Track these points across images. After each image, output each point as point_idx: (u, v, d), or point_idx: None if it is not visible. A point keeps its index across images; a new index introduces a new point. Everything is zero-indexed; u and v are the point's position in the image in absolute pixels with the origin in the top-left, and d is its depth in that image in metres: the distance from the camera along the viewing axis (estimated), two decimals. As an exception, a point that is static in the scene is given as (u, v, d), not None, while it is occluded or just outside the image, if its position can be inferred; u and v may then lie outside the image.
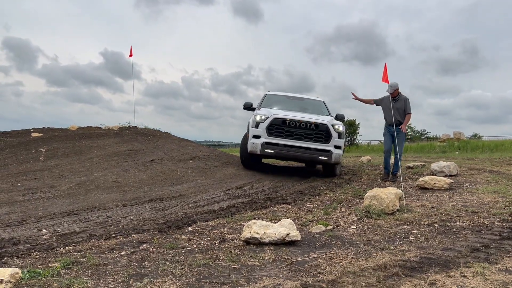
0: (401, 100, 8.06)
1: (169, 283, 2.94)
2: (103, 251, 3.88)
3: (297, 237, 3.97)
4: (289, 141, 8.38)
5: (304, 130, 8.41)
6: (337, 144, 8.51)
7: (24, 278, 3.03)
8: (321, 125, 8.48)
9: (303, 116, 8.70)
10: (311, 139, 8.42)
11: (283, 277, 3.07)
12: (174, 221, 5.03)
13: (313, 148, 8.34)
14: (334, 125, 8.61)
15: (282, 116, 8.53)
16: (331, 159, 8.34)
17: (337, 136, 8.54)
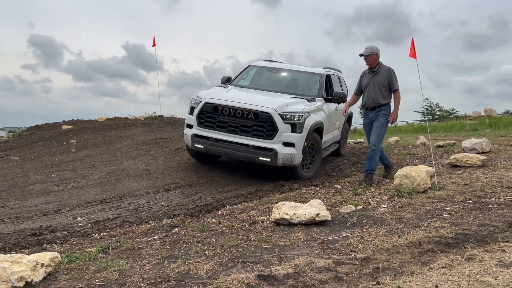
0: (383, 72, 5.93)
1: (203, 263, 2.98)
2: (136, 236, 3.96)
3: (327, 217, 3.95)
4: (221, 134, 6.40)
5: (241, 120, 6.28)
6: (288, 140, 6.18)
7: (63, 262, 3.13)
8: (262, 114, 6.17)
9: (247, 100, 6.48)
10: (249, 133, 6.28)
11: (315, 256, 3.06)
12: (204, 206, 5.09)
13: (251, 145, 6.22)
14: (286, 113, 6.23)
15: (214, 101, 6.48)
16: (276, 160, 6.11)
17: (289, 129, 6.19)
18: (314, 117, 6.60)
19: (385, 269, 2.77)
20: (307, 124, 6.35)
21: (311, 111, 6.57)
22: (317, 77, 7.81)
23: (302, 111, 6.34)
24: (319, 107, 6.98)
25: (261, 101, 6.48)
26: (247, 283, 2.56)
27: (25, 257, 2.83)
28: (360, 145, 11.13)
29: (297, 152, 6.23)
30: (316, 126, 6.60)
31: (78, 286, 2.68)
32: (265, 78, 8.16)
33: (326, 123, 7.21)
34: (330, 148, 8.03)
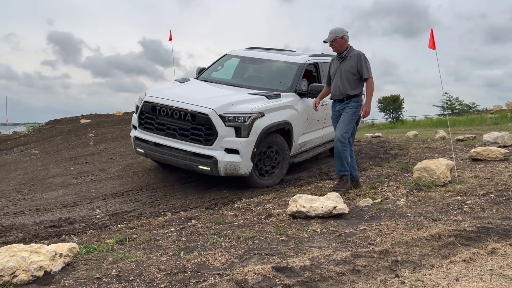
0: (351, 58, 5.05)
1: (219, 255, 2.97)
2: (153, 228, 3.98)
3: (344, 210, 3.90)
4: (160, 138, 5.58)
5: (179, 122, 5.42)
6: (231, 146, 5.24)
7: (81, 253, 3.16)
8: (199, 115, 5.25)
9: (187, 99, 5.53)
10: (187, 137, 5.38)
11: (332, 248, 3.03)
12: (220, 199, 5.09)
13: (189, 152, 5.35)
14: (229, 114, 5.25)
15: (152, 99, 5.65)
16: (217, 170, 5.23)
17: (232, 133, 5.24)
18: (272, 117, 5.51)
19: (404, 262, 2.72)
20: (256, 126, 5.30)
21: (268, 110, 5.50)
22: (293, 67, 6.57)
23: (250, 111, 5.30)
24: (285, 105, 5.85)
25: (201, 99, 5.47)
26: (264, 275, 2.55)
27: (44, 247, 2.87)
28: (378, 139, 10.99)
29: (242, 159, 5.25)
30: (276, 128, 5.58)
31: (95, 276, 2.71)
32: (238, 69, 7.19)
33: (300, 122, 6.17)
34: (317, 149, 7.04)
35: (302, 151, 6.59)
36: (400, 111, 28.22)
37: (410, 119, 26.40)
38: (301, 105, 6.19)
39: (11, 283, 2.59)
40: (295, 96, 6.17)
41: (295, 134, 6.07)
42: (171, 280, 2.58)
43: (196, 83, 6.59)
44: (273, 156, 5.77)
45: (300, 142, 6.32)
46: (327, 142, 7.27)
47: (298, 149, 6.39)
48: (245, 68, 7.17)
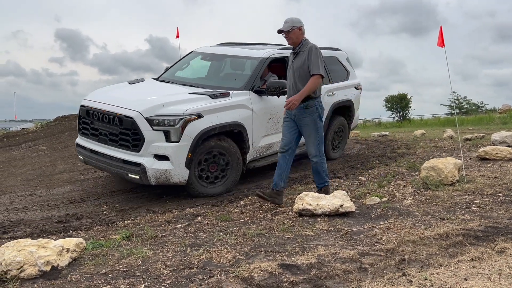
0: (304, 52, 4.40)
1: (225, 252, 2.97)
2: (160, 224, 3.99)
3: (351, 208, 3.89)
4: (94, 143, 5.22)
5: (109, 126, 5.01)
6: (160, 153, 4.74)
7: (88, 248, 3.18)
8: (125, 119, 4.79)
9: (117, 101, 5.10)
10: (117, 143, 4.96)
11: (338, 246, 3.02)
12: (226, 196, 5.08)
13: (119, 159, 4.91)
14: (157, 117, 4.74)
15: (87, 103, 5.32)
16: (146, 178, 4.72)
17: (161, 138, 4.73)
18: (213, 118, 4.96)
19: (411, 261, 2.70)
20: (190, 129, 4.77)
21: (207, 111, 4.95)
22: (253, 62, 5.97)
23: (182, 113, 4.76)
24: (234, 104, 5.27)
25: (131, 102, 5.02)
26: (270, 272, 2.54)
27: (51, 242, 2.89)
28: (385, 138, 10.93)
29: (174, 166, 4.74)
30: (219, 130, 5.05)
31: (102, 271, 2.72)
32: (200, 67, 6.73)
33: (260, 123, 5.61)
34: None
35: (268, 155, 6.00)
36: (407, 110, 28.04)
37: (417, 118, 26.24)
38: (260, 104, 5.57)
39: (18, 277, 2.61)
40: (251, 94, 5.54)
41: (253, 136, 5.54)
42: (177, 276, 2.59)
43: (146, 84, 6.13)
44: (220, 161, 5.20)
45: (262, 144, 5.77)
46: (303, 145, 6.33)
47: (261, 152, 5.83)
48: (206, 66, 6.73)
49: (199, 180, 5.08)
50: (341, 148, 7.62)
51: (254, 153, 5.71)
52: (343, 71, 7.51)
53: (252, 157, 5.70)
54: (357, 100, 7.73)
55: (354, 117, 7.71)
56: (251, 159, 5.71)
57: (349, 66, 7.68)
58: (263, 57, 5.95)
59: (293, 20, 4.41)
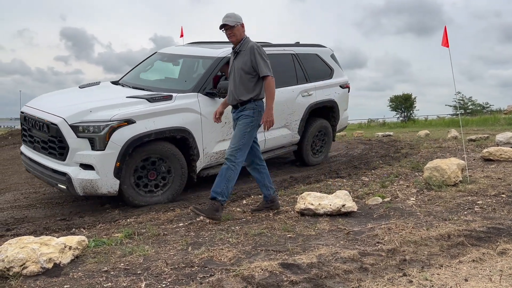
0: (245, 52, 4.01)
1: (226, 250, 2.98)
2: (162, 223, 4.01)
3: (353, 208, 3.88)
4: (30, 151, 5.06)
5: (40, 133, 4.78)
6: (85, 161, 4.43)
7: (90, 246, 3.20)
8: (51, 126, 4.54)
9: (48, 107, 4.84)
10: (46, 150, 4.73)
11: (339, 246, 3.02)
12: (229, 195, 5.09)
13: (49, 168, 4.67)
14: (83, 124, 4.43)
15: (24, 109, 5.16)
16: (73, 188, 4.43)
17: (87, 146, 4.42)
18: (148, 124, 4.60)
19: (412, 261, 2.70)
20: (117, 136, 4.41)
21: (141, 116, 4.59)
22: (207, 62, 5.62)
23: (109, 119, 4.42)
24: (178, 108, 4.91)
25: (59, 108, 4.72)
26: (270, 271, 2.55)
27: (53, 240, 2.91)
28: (389, 138, 10.91)
29: (100, 176, 4.40)
30: (156, 136, 4.68)
31: (104, 269, 2.73)
32: (159, 69, 6.37)
33: (211, 128, 5.20)
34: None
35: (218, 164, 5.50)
36: (412, 110, 27.97)
37: (422, 119, 26.16)
38: (212, 107, 5.06)
39: (21, 274, 2.63)
40: (200, 97, 5.15)
41: (204, 142, 5.18)
42: (178, 274, 2.60)
43: (94, 88, 5.73)
44: (161, 169, 4.85)
45: (217, 150, 5.38)
46: (276, 148, 6.30)
47: (217, 158, 5.40)
48: (165, 67, 6.38)
49: (137, 189, 4.73)
50: (324, 153, 7.20)
51: (208, 160, 5.32)
52: (325, 69, 7.06)
53: (205, 164, 5.32)
54: (343, 99, 7.30)
55: (341, 118, 7.26)
56: (204, 166, 5.33)
57: (333, 64, 7.24)
58: (218, 56, 5.54)
59: (236, 15, 4.02)
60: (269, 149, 6.18)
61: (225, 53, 5.52)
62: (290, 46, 6.71)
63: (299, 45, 6.91)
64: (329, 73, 7.10)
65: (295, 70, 6.54)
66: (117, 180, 4.50)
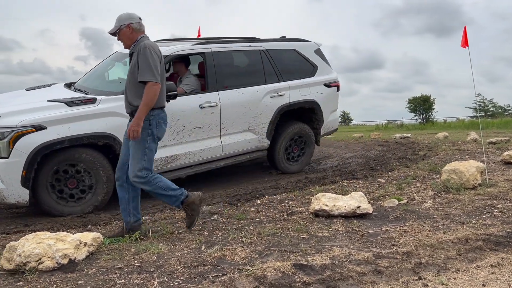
0: (135, 54, 3.49)
1: (239, 250, 2.97)
2: (176, 221, 4.03)
3: (368, 210, 3.83)
4: None
5: None
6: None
7: (105, 243, 3.23)
8: None
9: None
10: None
11: (354, 248, 2.98)
12: (243, 195, 5.09)
13: None
14: None
15: None
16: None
17: None
18: (62, 130, 4.30)
19: (428, 265, 2.65)
20: (23, 144, 4.10)
21: (54, 121, 4.26)
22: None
23: (14, 125, 4.12)
24: (101, 112, 4.56)
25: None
26: (283, 271, 2.53)
27: (69, 236, 2.95)
28: (406, 140, 10.77)
29: (5, 186, 4.12)
30: (70, 143, 4.35)
31: (117, 266, 2.76)
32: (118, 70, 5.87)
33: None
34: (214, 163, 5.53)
35: (172, 169, 5.16)
36: (430, 111, 27.58)
37: (440, 121, 25.76)
38: None
39: (37, 269, 2.67)
40: None
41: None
42: (191, 273, 2.60)
43: (36, 91, 5.40)
44: (80, 177, 4.53)
45: (157, 157, 4.69)
46: (239, 154, 5.79)
47: (156, 165, 4.91)
48: (122, 68, 5.81)
49: (55, 198, 4.42)
50: (304, 160, 6.54)
51: None
52: (305, 66, 6.39)
53: None
54: (330, 100, 6.58)
55: (326, 120, 6.56)
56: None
57: (317, 60, 6.54)
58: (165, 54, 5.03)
59: (120, 18, 3.56)
60: (229, 155, 5.66)
61: (171, 51, 5.16)
62: (259, 42, 6.11)
63: (271, 40, 6.30)
64: (311, 71, 6.43)
65: (263, 68, 5.95)
66: (26, 190, 4.20)
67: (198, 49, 5.43)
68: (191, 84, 5.41)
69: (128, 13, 3.58)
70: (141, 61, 3.39)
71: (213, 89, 5.40)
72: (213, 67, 5.47)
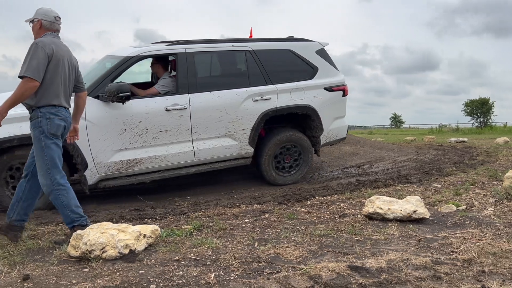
0: None
1: (292, 249, 2.98)
2: (228, 218, 4.10)
3: (425, 215, 3.71)
4: None
5: None
6: None
7: (162, 236, 3.36)
8: None
9: None
10: None
11: (411, 253, 2.90)
12: (293, 195, 5.09)
13: None
14: None
15: None
16: None
17: None
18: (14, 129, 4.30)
19: (491, 274, 2.53)
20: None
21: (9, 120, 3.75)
22: (113, 63, 5.12)
23: None
24: None
25: None
26: (338, 272, 2.51)
27: (130, 227, 3.08)
28: (463, 144, 10.31)
29: None
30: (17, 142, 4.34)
31: (175, 258, 2.85)
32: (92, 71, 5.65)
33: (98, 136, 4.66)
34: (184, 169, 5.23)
35: (138, 173, 4.99)
36: (489, 115, 26.20)
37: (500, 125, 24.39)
38: (102, 113, 4.68)
39: (101, 257, 2.82)
40: (89, 100, 4.46)
41: (92, 151, 4.65)
42: (246, 268, 2.64)
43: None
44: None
45: (117, 160, 4.79)
46: (217, 161, 5.40)
47: (119, 169, 4.83)
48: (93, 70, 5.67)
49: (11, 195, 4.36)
50: (300, 171, 5.89)
51: (104, 170, 4.77)
52: (303, 68, 5.85)
53: (102, 174, 4.78)
54: (330, 105, 5.92)
55: (328, 128, 5.93)
56: (102, 177, 4.80)
57: (319, 61, 5.97)
58: (126, 55, 5.02)
59: (37, 11, 3.47)
60: (204, 161, 5.31)
61: (138, 52, 5.06)
62: (246, 42, 5.72)
63: (262, 40, 5.86)
64: (309, 73, 5.87)
65: (247, 70, 5.54)
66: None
67: (170, 50, 5.27)
68: (166, 85, 5.27)
69: (47, 9, 3.49)
70: (25, 57, 3.30)
71: (183, 91, 5.13)
72: (186, 68, 5.20)
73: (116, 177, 4.91)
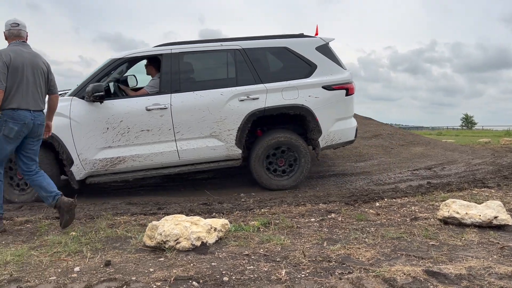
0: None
1: (364, 250, 2.91)
2: (294, 216, 4.08)
3: (507, 222, 3.46)
4: None
5: None
6: None
7: (231, 230, 3.41)
8: None
9: None
10: None
11: (493, 261, 2.72)
12: (360, 195, 4.96)
13: None
14: None
15: None
16: None
17: None
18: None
19: None
20: None
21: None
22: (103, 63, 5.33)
23: None
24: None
25: None
26: (414, 277, 2.41)
27: (201, 220, 3.17)
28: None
29: None
30: None
31: (245, 252, 2.89)
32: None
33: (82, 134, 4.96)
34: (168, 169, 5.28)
35: (128, 170, 5.18)
36: None
37: None
38: (86, 112, 4.98)
39: (175, 248, 2.93)
40: (74, 101, 4.98)
41: (77, 148, 4.95)
42: (316, 267, 2.61)
43: None
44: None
45: (101, 158, 5.04)
46: (203, 162, 5.32)
47: (103, 166, 5.08)
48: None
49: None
50: (297, 174, 5.52)
51: (90, 167, 5.04)
52: (299, 65, 5.53)
53: (88, 171, 5.06)
54: (329, 105, 5.50)
55: (328, 130, 5.51)
56: (88, 173, 5.09)
57: (320, 58, 5.59)
58: (113, 58, 5.29)
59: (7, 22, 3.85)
60: (189, 162, 5.29)
61: (125, 54, 5.29)
62: (236, 40, 5.54)
63: (253, 38, 5.62)
64: (307, 71, 5.53)
65: (236, 69, 5.40)
66: None
67: (156, 51, 5.35)
68: (155, 86, 5.32)
69: (8, 19, 3.83)
70: None
71: (165, 91, 5.20)
72: (169, 69, 5.27)
73: (103, 174, 5.15)
